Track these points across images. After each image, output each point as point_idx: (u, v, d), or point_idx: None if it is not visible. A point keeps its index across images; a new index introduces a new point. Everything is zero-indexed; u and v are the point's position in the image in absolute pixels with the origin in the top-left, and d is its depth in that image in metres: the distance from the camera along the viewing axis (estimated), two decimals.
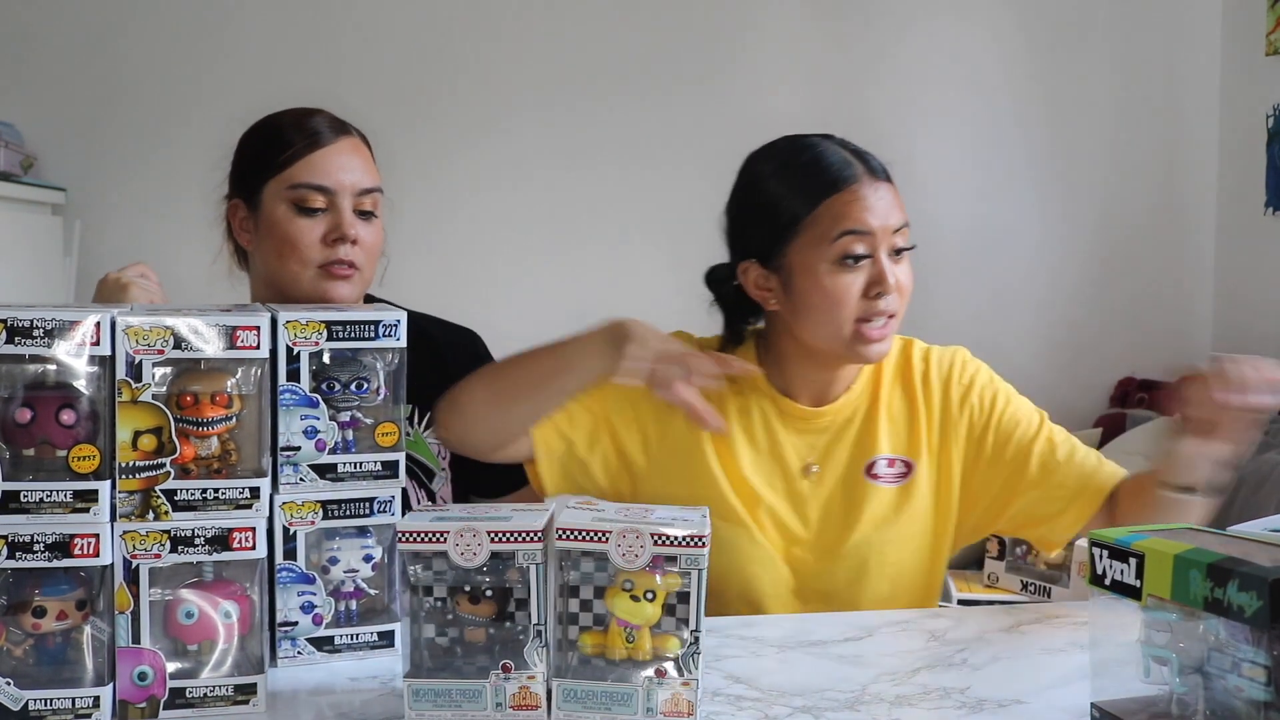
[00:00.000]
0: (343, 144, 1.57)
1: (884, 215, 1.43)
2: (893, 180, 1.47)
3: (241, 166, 1.62)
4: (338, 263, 1.53)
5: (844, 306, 1.43)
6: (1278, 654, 0.87)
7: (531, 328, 2.72)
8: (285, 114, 1.62)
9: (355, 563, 1.22)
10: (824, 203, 1.43)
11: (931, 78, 3.45)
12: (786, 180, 1.47)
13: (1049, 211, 3.52)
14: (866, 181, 1.44)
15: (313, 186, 1.54)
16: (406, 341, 1.51)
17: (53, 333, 1.04)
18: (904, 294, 1.45)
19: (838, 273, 1.42)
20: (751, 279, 1.50)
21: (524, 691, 1.04)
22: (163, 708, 1.07)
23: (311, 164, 1.54)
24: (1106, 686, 1.03)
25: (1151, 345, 3.54)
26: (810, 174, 1.45)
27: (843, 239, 1.42)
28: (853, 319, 1.43)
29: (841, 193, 1.43)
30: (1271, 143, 3.28)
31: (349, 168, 1.56)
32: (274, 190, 1.55)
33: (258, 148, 1.59)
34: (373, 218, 1.58)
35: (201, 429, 1.10)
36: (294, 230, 1.53)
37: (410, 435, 1.61)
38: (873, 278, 1.42)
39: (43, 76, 3.19)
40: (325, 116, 1.61)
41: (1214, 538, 0.99)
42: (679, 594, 1.04)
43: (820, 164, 1.46)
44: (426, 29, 3.30)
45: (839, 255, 1.42)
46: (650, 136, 3.35)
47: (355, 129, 1.63)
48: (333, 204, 1.54)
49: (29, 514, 1.04)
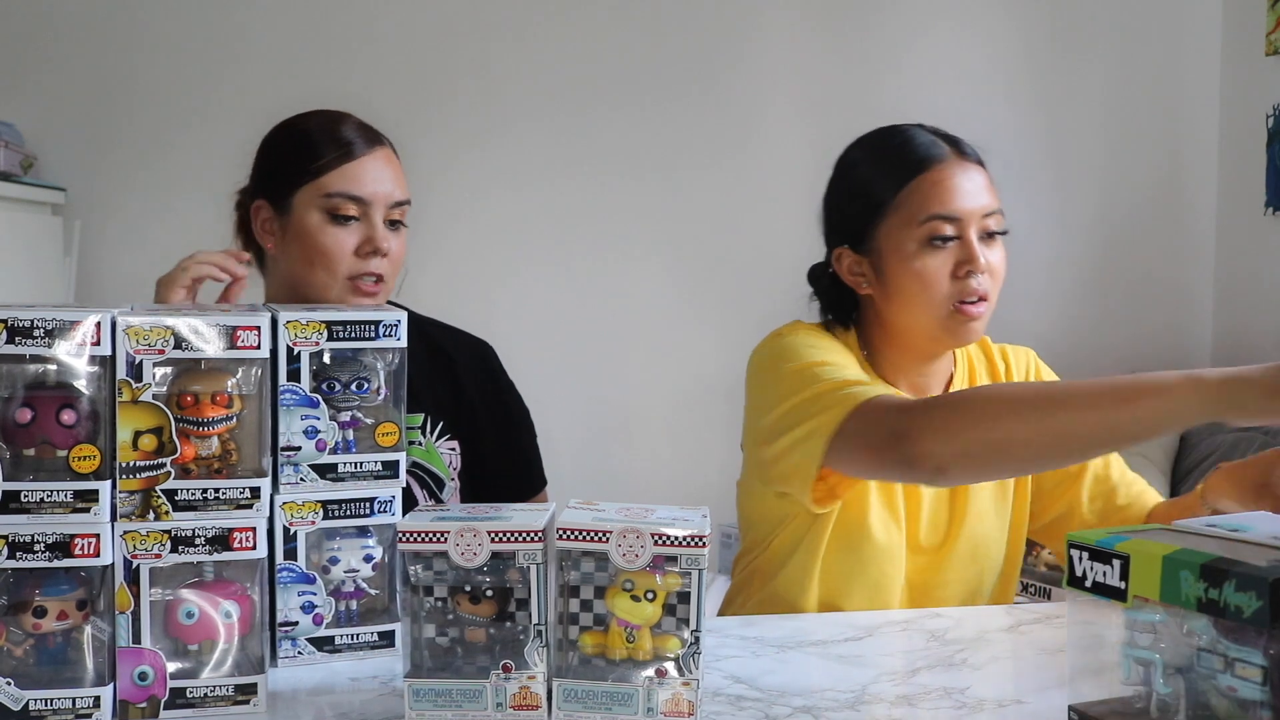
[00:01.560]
0: (377, 155, 1.57)
1: (973, 196, 1.44)
2: (985, 166, 1.49)
3: (269, 167, 1.60)
4: (366, 275, 1.54)
5: (933, 287, 1.44)
6: (1274, 654, 0.87)
7: (534, 333, 2.73)
8: (313, 118, 1.60)
9: (356, 563, 1.22)
10: (910, 183, 1.45)
11: (931, 81, 3.45)
12: (876, 164, 1.49)
13: (1048, 211, 3.52)
14: (954, 162, 1.45)
15: (348, 196, 1.53)
16: (421, 353, 1.53)
17: (53, 333, 1.04)
18: (996, 277, 1.46)
19: (926, 254, 1.44)
20: (845, 265, 1.52)
21: (524, 691, 1.04)
22: (163, 708, 1.07)
23: (347, 174, 1.54)
24: (1084, 689, 1.03)
25: (1151, 345, 3.54)
26: (898, 156, 1.48)
27: (930, 222, 1.43)
28: (946, 299, 1.44)
29: (928, 173, 1.44)
30: (1271, 143, 3.28)
31: (383, 179, 1.56)
32: (306, 197, 1.54)
33: (289, 151, 1.58)
34: (401, 228, 1.59)
35: (202, 429, 1.10)
36: (326, 239, 1.53)
37: (422, 445, 1.61)
38: (961, 258, 1.43)
39: (43, 76, 3.19)
40: (355, 123, 1.60)
41: (1197, 538, 0.99)
42: (679, 594, 1.04)
43: (908, 147, 1.48)
44: (430, 37, 3.30)
45: (926, 237, 1.44)
46: (653, 143, 3.35)
47: (386, 138, 1.62)
48: (366, 215, 1.54)
49: (29, 514, 1.04)
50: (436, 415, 1.61)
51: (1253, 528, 1.02)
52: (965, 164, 1.46)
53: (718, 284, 3.28)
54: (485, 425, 1.66)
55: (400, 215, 1.58)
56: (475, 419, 1.66)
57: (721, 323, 3.11)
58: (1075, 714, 1.03)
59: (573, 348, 3.34)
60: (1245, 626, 0.88)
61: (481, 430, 1.66)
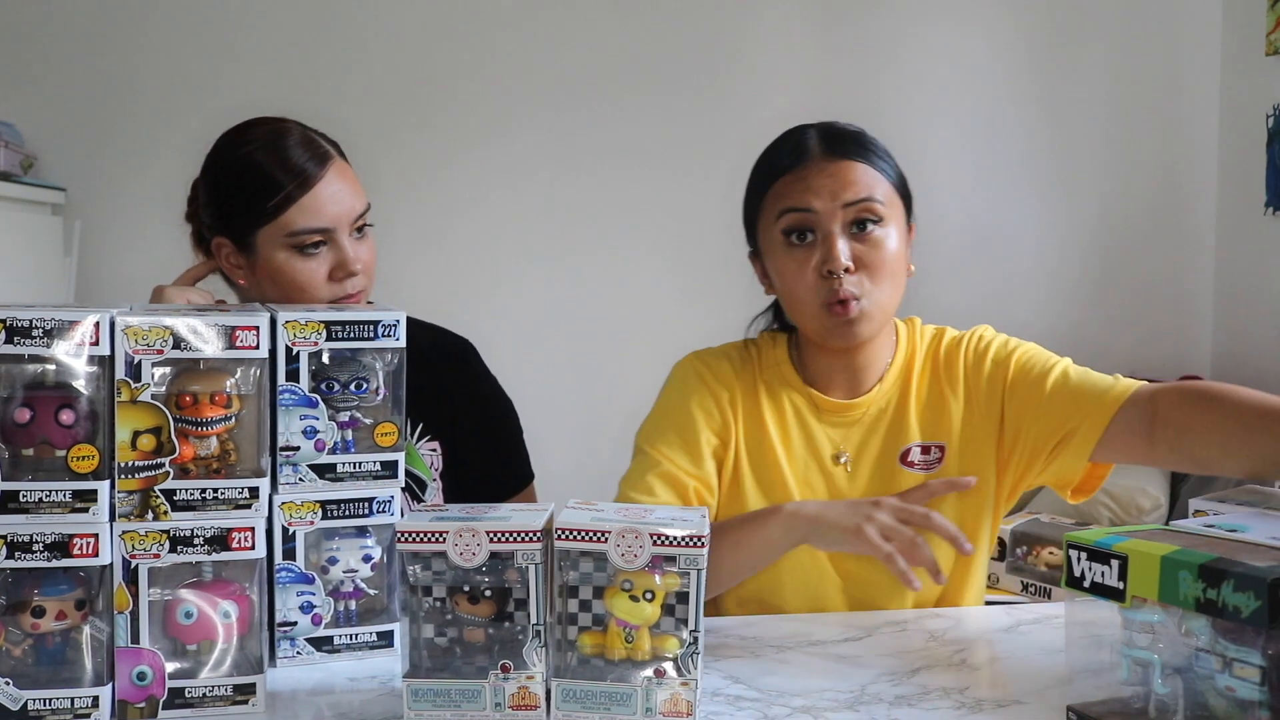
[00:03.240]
0: (329, 174, 1.52)
1: (834, 192, 1.40)
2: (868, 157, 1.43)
3: (224, 209, 1.55)
4: (346, 296, 1.53)
5: (796, 288, 1.42)
6: (1273, 653, 0.87)
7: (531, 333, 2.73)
8: (256, 142, 1.53)
9: (354, 563, 1.22)
10: (774, 185, 1.44)
11: (931, 79, 3.46)
12: (754, 169, 1.49)
13: (1049, 212, 3.52)
14: (818, 161, 1.42)
15: (311, 230, 1.50)
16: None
17: (52, 332, 1.04)
18: (873, 271, 1.40)
19: (785, 253, 1.42)
20: (756, 269, 1.52)
21: (523, 691, 1.04)
22: (162, 708, 1.07)
23: (305, 208, 1.49)
24: (1083, 689, 1.03)
25: (1151, 345, 3.54)
26: (766, 160, 1.47)
27: (783, 217, 1.42)
28: (815, 300, 1.41)
29: (789, 174, 1.43)
30: (1271, 143, 3.28)
31: (341, 198, 1.52)
32: (269, 237, 1.50)
33: (242, 190, 1.52)
34: (367, 229, 1.57)
35: (201, 429, 1.10)
36: (299, 274, 1.51)
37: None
38: (821, 256, 1.40)
39: (43, 76, 3.19)
40: (298, 138, 1.53)
41: (1195, 539, 0.99)
42: (678, 594, 1.04)
43: (776, 150, 1.47)
44: (427, 35, 3.30)
45: (781, 234, 1.42)
46: (650, 141, 3.35)
47: (330, 146, 1.57)
48: (333, 239, 1.51)
49: (28, 514, 1.04)
50: (416, 416, 1.60)
51: (1251, 528, 1.02)
52: (831, 161, 1.42)
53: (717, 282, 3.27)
54: (465, 424, 1.65)
55: (364, 222, 1.56)
56: (455, 418, 1.65)
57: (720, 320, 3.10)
58: (1074, 714, 1.03)
59: (570, 345, 3.34)
60: (1244, 627, 0.88)
61: (461, 430, 1.65)
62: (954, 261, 3.42)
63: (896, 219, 1.45)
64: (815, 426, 1.50)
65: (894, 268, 1.43)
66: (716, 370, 1.52)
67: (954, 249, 3.43)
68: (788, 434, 1.50)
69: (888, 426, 1.50)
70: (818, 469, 1.49)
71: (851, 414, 1.50)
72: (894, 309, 1.47)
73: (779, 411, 1.50)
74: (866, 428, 1.50)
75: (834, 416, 1.50)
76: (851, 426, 1.50)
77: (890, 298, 1.44)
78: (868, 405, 1.50)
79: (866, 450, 1.50)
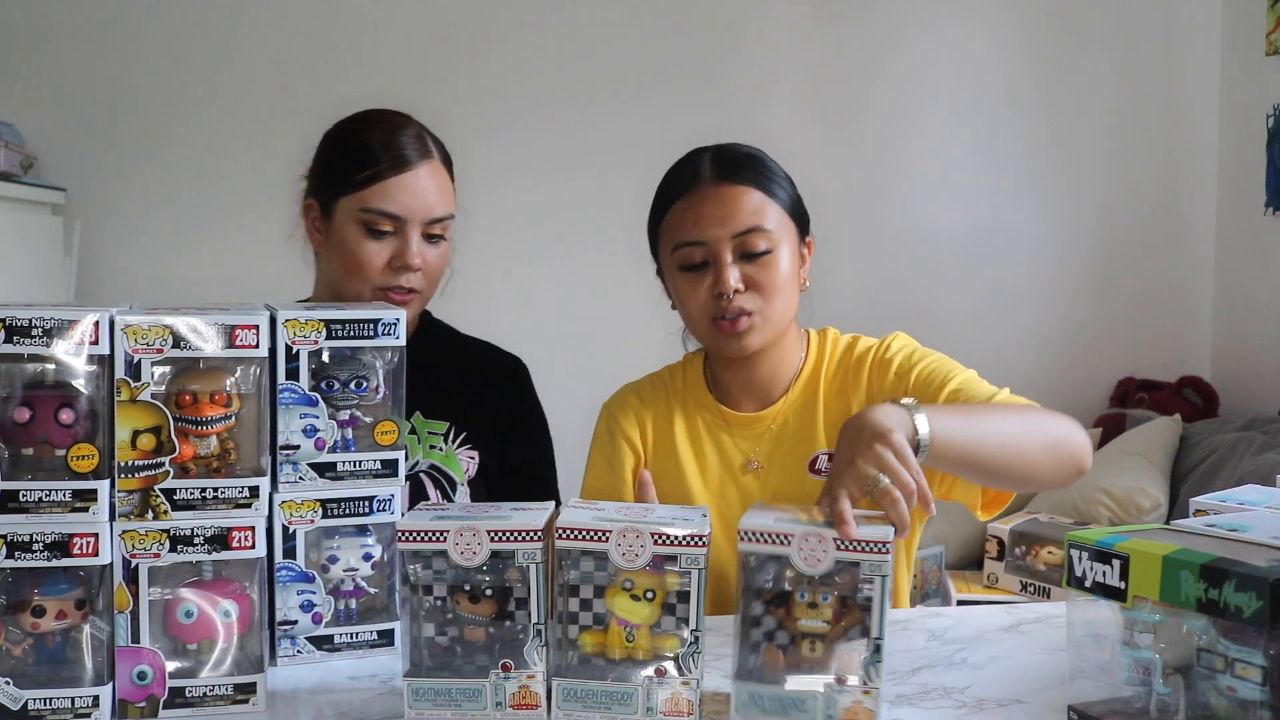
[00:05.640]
0: (422, 170, 1.57)
1: (722, 220, 1.44)
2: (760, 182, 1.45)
3: (321, 171, 1.61)
4: (397, 287, 1.55)
5: (692, 306, 1.47)
6: (1274, 653, 0.87)
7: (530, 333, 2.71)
8: (375, 124, 1.60)
9: (355, 561, 1.22)
10: (668, 213, 1.49)
11: (931, 81, 3.46)
12: (656, 194, 1.54)
13: (1049, 212, 3.52)
14: (708, 187, 1.45)
15: (383, 213, 1.54)
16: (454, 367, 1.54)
17: (51, 332, 1.04)
18: (764, 289, 1.44)
19: (681, 279, 1.47)
20: (663, 286, 1.57)
21: (524, 690, 1.04)
22: (162, 707, 1.07)
23: (386, 190, 1.54)
24: (1084, 689, 1.03)
25: (1151, 345, 3.54)
26: (663, 186, 1.52)
27: (678, 251, 1.47)
28: (706, 317, 1.46)
29: (680, 200, 1.47)
30: (1271, 143, 3.28)
31: (423, 194, 1.57)
32: (347, 207, 1.56)
33: (339, 159, 1.58)
34: (441, 241, 1.60)
35: (200, 428, 1.10)
36: (361, 252, 1.54)
37: (443, 451, 1.63)
38: (712, 280, 1.44)
39: (43, 76, 3.19)
40: (414, 131, 1.60)
41: (1197, 538, 0.99)
42: (679, 593, 1.04)
43: (671, 176, 1.51)
44: (431, 36, 3.30)
45: (678, 265, 1.47)
46: (651, 142, 3.31)
47: (439, 150, 1.63)
48: (401, 230, 1.55)
49: (28, 513, 1.04)
50: (460, 426, 1.64)
51: (1252, 528, 1.02)
52: (722, 186, 1.45)
53: None
54: (505, 440, 1.69)
55: (440, 230, 1.60)
56: (497, 433, 1.68)
57: None
58: (1075, 713, 1.03)
59: (574, 345, 3.33)
60: (1245, 626, 0.88)
61: (500, 444, 1.68)
62: (955, 261, 3.42)
63: (789, 240, 1.47)
64: (726, 440, 1.54)
65: (784, 286, 1.46)
66: (622, 411, 1.59)
67: (954, 249, 3.43)
68: (700, 449, 1.54)
69: (794, 436, 1.52)
70: (731, 480, 1.53)
71: (758, 426, 1.53)
72: (786, 323, 1.49)
73: (691, 429, 1.55)
74: (774, 438, 1.53)
75: (743, 429, 1.54)
76: (760, 438, 1.53)
77: (782, 312, 1.47)
78: (774, 416, 1.53)
79: (775, 460, 1.52)
